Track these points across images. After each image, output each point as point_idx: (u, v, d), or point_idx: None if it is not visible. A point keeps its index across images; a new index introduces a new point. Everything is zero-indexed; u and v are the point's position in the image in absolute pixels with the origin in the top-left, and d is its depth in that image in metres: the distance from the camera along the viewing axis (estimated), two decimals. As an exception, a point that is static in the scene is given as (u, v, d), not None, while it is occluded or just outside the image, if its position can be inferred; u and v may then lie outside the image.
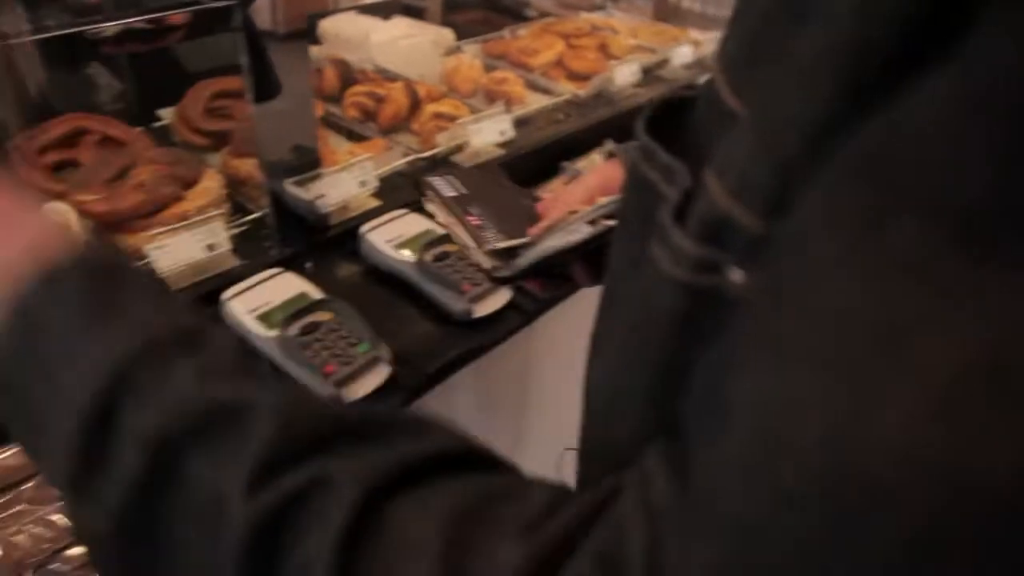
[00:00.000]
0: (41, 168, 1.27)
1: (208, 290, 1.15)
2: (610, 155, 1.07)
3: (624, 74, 1.85)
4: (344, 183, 1.28)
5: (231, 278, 1.16)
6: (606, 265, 0.44)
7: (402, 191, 1.41)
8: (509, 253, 0.82)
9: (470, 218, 0.89)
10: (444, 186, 0.93)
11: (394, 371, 1.04)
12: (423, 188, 0.93)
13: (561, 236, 0.82)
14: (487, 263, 0.82)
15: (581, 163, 1.69)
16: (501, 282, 0.83)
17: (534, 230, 0.85)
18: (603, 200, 0.94)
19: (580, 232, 0.81)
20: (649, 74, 1.96)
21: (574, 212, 0.89)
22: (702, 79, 2.01)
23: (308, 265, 1.23)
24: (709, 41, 2.14)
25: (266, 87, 1.14)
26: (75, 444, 0.36)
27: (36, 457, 0.40)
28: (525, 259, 0.80)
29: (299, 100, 1.20)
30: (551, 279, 0.93)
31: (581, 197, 1.02)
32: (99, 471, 0.35)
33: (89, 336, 0.37)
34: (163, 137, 1.50)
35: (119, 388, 0.36)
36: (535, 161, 1.63)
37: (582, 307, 1.50)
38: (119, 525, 0.35)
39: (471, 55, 1.88)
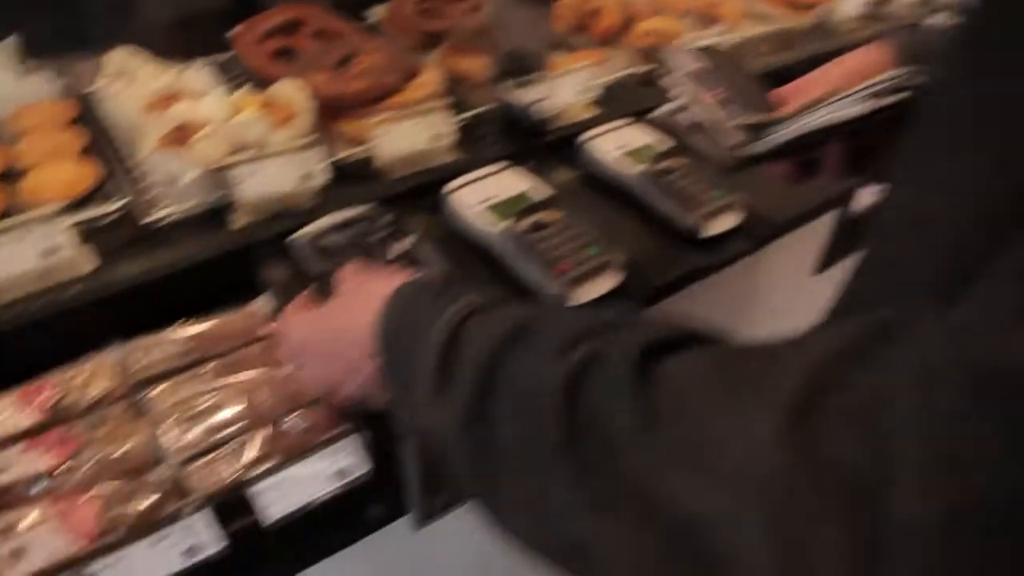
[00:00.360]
0: (263, 53, 1.27)
1: (426, 181, 1.12)
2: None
3: (850, 5, 1.70)
4: (565, 89, 1.22)
5: (451, 172, 1.13)
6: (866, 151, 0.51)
7: (619, 103, 1.34)
8: (756, 130, 0.76)
9: (715, 91, 0.81)
10: (685, 60, 0.86)
11: (624, 278, 0.98)
12: (661, 63, 0.87)
13: (824, 113, 0.74)
14: (734, 138, 0.76)
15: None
16: (747, 163, 0.78)
17: (790, 108, 0.78)
18: (891, 72, 0.84)
19: (855, 108, 0.73)
20: (875, 9, 1.80)
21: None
22: (928, 20, 1.85)
23: (530, 165, 1.18)
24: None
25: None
26: (429, 366, 0.50)
27: (402, 390, 0.55)
28: (780, 135, 0.75)
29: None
30: (802, 164, 0.86)
31: (838, 78, 0.92)
32: (449, 380, 0.49)
33: (441, 305, 0.53)
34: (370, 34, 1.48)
35: (462, 327, 0.51)
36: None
37: (805, 245, 1.41)
38: (467, 415, 0.47)
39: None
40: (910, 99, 0.74)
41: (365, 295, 0.62)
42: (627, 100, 1.39)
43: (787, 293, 1.53)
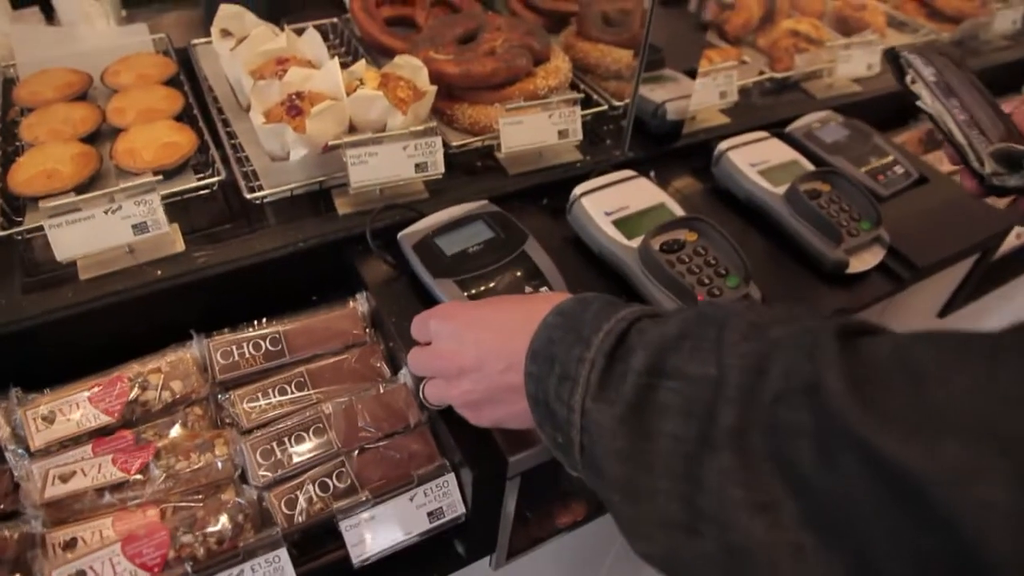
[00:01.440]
0: (378, 21, 1.17)
1: (546, 181, 1.01)
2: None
3: (1005, 21, 1.53)
4: (704, 90, 1.10)
5: (572, 171, 1.02)
6: None
7: (753, 113, 1.21)
8: (1008, 160, 0.71)
9: (955, 110, 0.76)
10: (922, 66, 0.76)
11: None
12: (903, 64, 0.76)
13: None
14: (988, 166, 0.72)
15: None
16: (999, 192, 0.74)
17: None
18: None
19: None
20: (1027, 28, 1.63)
21: None
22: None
23: (652, 174, 1.06)
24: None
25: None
26: (600, 364, 0.49)
27: (552, 398, 0.52)
28: None
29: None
30: None
31: None
32: (617, 376, 0.48)
33: (606, 315, 0.52)
34: (490, 10, 1.37)
35: (631, 328, 0.50)
36: (888, 106, 1.38)
37: (935, 284, 1.27)
38: (628, 410, 0.46)
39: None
40: None
41: (527, 304, 0.60)
42: (762, 108, 1.25)
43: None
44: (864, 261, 0.97)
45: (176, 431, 0.74)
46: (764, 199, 1.01)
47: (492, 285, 0.82)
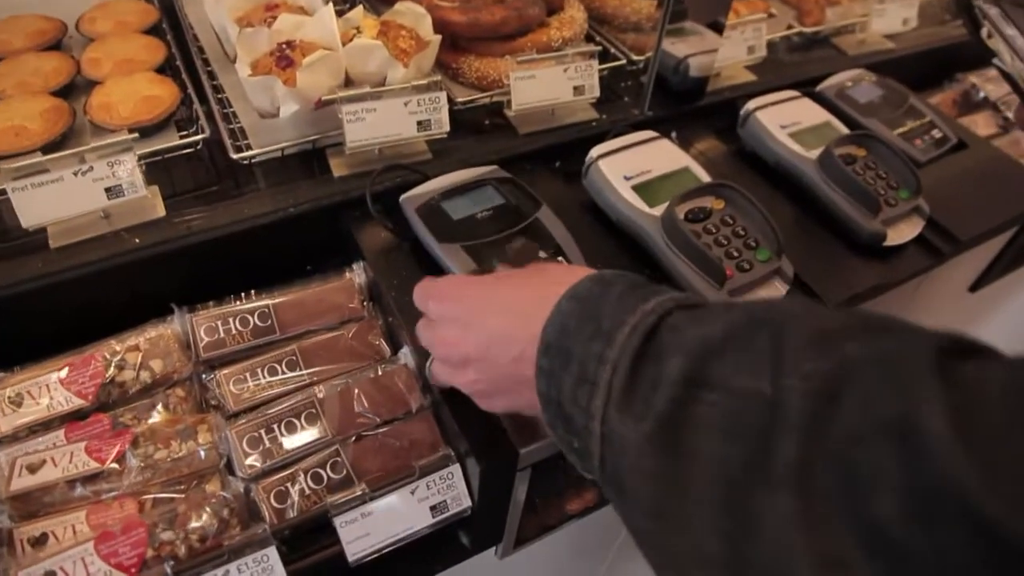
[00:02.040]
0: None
1: (560, 142, 0.93)
2: None
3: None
4: (731, 45, 1.01)
5: (588, 131, 0.94)
6: None
7: (780, 70, 1.13)
8: None
9: None
10: (1001, 21, 0.67)
11: (790, 291, 0.79)
12: (977, 15, 0.68)
13: None
14: None
15: (974, 77, 1.34)
16: None
17: None
18: None
19: None
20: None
21: None
22: None
23: (673, 135, 0.98)
24: None
25: None
26: (624, 370, 0.41)
27: (567, 401, 0.44)
28: None
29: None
30: None
31: None
32: (646, 385, 0.40)
33: (630, 303, 0.44)
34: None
35: (662, 324, 0.43)
36: (922, 65, 1.30)
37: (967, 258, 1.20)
38: (658, 427, 0.39)
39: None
40: None
41: (539, 280, 0.53)
42: (789, 65, 1.17)
43: (940, 311, 1.31)
44: (902, 233, 0.90)
45: (156, 415, 0.68)
46: (796, 164, 0.93)
47: (503, 253, 0.75)
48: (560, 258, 0.76)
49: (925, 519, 0.30)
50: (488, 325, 0.53)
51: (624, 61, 1.01)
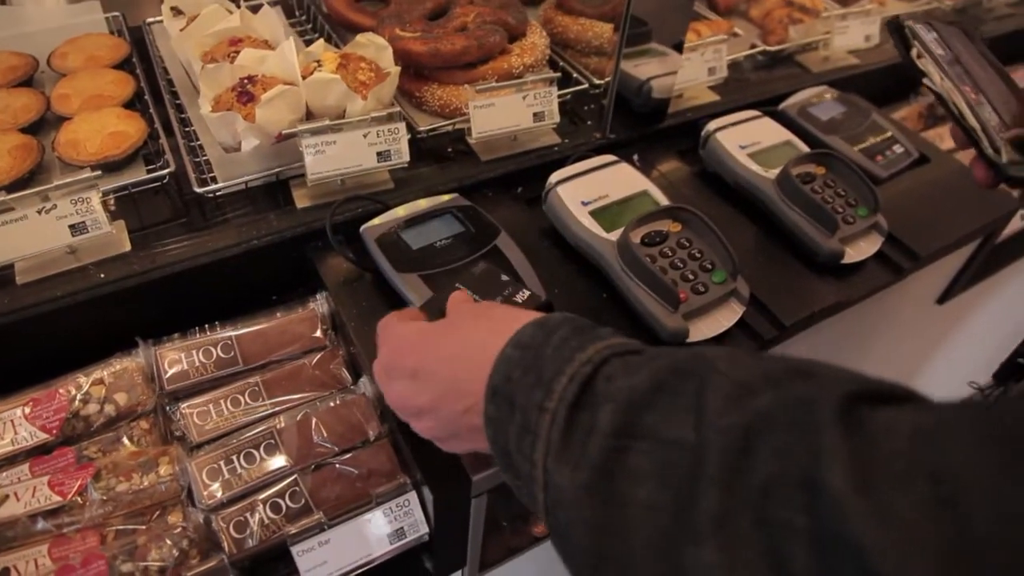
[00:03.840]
0: (344, -5, 1.10)
1: (521, 168, 0.95)
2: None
3: (1011, -13, 1.46)
4: (691, 66, 1.03)
5: (549, 156, 0.96)
6: None
7: (744, 89, 1.15)
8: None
9: (967, 88, 0.67)
10: (930, 40, 0.68)
11: (746, 313, 0.81)
12: (907, 35, 0.68)
13: None
14: (1005, 155, 0.64)
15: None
16: (1015, 183, 0.67)
17: None
18: None
19: None
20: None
21: None
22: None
23: (635, 157, 1.00)
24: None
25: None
26: (561, 420, 0.42)
27: (513, 450, 0.45)
28: None
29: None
30: None
31: None
32: (580, 434, 0.41)
33: (569, 353, 0.45)
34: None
35: (597, 373, 0.44)
36: (887, 79, 1.31)
37: (934, 270, 1.21)
38: (593, 476, 0.39)
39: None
40: None
41: (486, 326, 0.53)
42: (754, 84, 1.19)
43: (909, 324, 1.33)
44: (861, 250, 0.91)
45: (121, 447, 0.69)
46: (755, 184, 0.94)
47: (461, 281, 0.76)
48: (521, 294, 0.77)
49: (832, 572, 0.31)
50: (438, 377, 0.53)
51: (586, 85, 1.03)
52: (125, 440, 0.70)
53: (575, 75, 1.05)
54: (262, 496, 0.66)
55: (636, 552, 0.38)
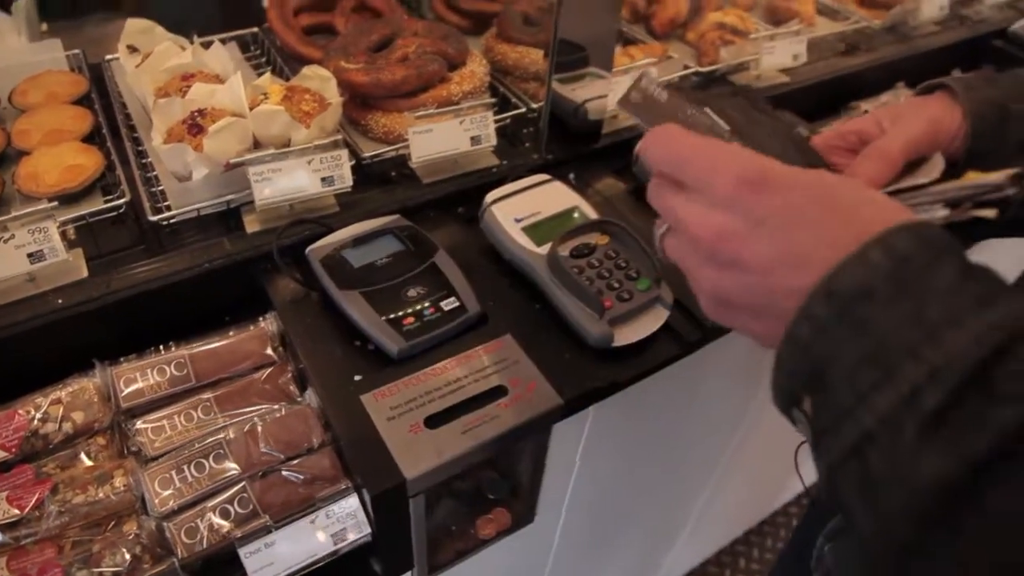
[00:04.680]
0: (295, 30, 1.16)
1: (462, 189, 1.00)
2: (928, 89, 0.84)
3: (931, 7, 1.54)
4: (623, 88, 1.09)
5: (488, 177, 1.02)
6: None
7: (678, 108, 1.21)
8: None
9: None
10: (717, 120, 0.73)
11: (671, 317, 0.86)
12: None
13: (919, 203, 0.63)
14: None
15: (867, 105, 1.43)
16: None
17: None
18: (976, 179, 0.72)
19: (929, 214, 0.61)
20: (954, 12, 1.64)
21: (904, 179, 0.69)
22: (1016, 25, 1.67)
23: (571, 176, 1.06)
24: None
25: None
26: (948, 386, 0.34)
27: (838, 371, 0.38)
28: None
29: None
30: None
31: (902, 151, 0.79)
32: (966, 417, 0.34)
33: (967, 299, 0.36)
34: (414, 12, 1.36)
35: (1010, 350, 0.34)
36: (817, 95, 1.38)
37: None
38: (966, 473, 0.33)
39: (752, -36, 1.62)
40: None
41: (860, 194, 0.42)
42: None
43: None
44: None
45: (78, 462, 0.74)
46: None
47: (400, 297, 0.81)
48: (452, 298, 0.83)
49: None
50: (791, 238, 0.41)
51: (524, 109, 1.09)
52: (83, 456, 0.74)
53: (514, 100, 1.11)
54: (212, 503, 0.71)
55: (972, 564, 0.33)
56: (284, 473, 0.73)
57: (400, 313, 0.80)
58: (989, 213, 0.69)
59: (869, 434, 0.36)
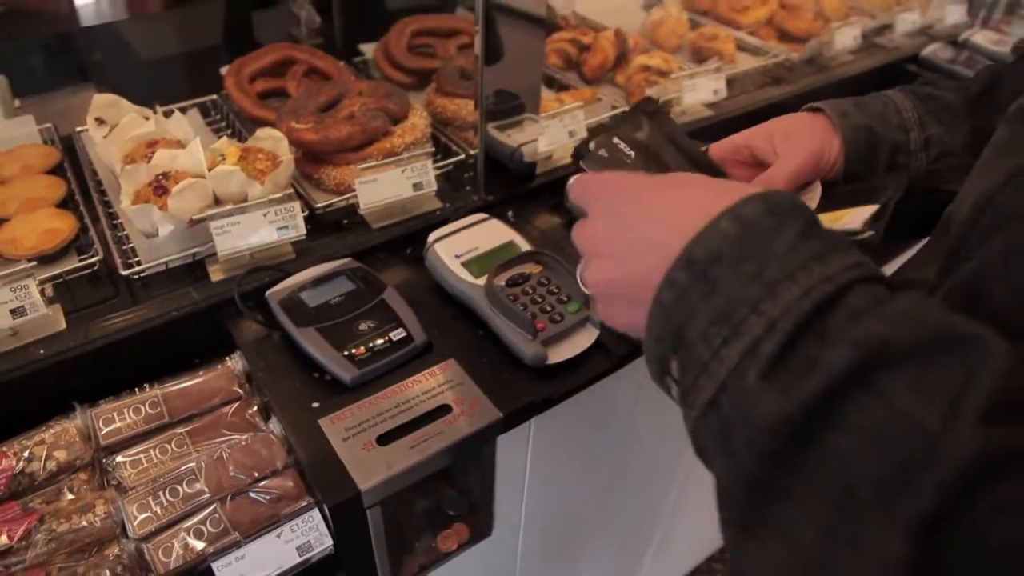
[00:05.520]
0: (250, 96, 1.26)
1: (409, 232, 1.10)
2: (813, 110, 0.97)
3: (844, 39, 1.67)
4: (553, 131, 1.20)
5: (432, 220, 1.11)
6: None
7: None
8: None
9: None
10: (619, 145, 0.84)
11: (601, 335, 0.95)
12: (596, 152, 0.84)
13: None
14: None
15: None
16: None
17: None
18: (839, 223, 0.81)
19: None
20: (868, 41, 1.78)
21: None
22: (926, 50, 1.81)
23: (510, 214, 1.16)
24: (936, 7, 1.92)
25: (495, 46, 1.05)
26: (783, 335, 0.37)
27: (694, 331, 0.41)
28: None
29: (526, 46, 1.10)
30: None
31: (786, 183, 0.89)
32: (800, 361, 0.37)
33: (803, 255, 0.40)
34: (362, 72, 1.47)
35: (839, 300, 0.38)
36: (743, 125, 1.50)
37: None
38: (800, 412, 0.36)
39: (677, 9, 1.75)
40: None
41: (709, 186, 0.48)
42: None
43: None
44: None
45: (63, 497, 0.81)
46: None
47: (353, 331, 0.90)
48: (400, 329, 0.92)
49: None
50: (641, 227, 0.48)
51: (463, 156, 1.19)
52: (66, 491, 0.82)
53: (454, 148, 1.22)
54: (186, 524, 0.78)
55: (813, 492, 0.35)
56: (251, 494, 0.81)
57: (352, 345, 0.89)
58: (867, 235, 0.79)
59: (723, 385, 0.39)
